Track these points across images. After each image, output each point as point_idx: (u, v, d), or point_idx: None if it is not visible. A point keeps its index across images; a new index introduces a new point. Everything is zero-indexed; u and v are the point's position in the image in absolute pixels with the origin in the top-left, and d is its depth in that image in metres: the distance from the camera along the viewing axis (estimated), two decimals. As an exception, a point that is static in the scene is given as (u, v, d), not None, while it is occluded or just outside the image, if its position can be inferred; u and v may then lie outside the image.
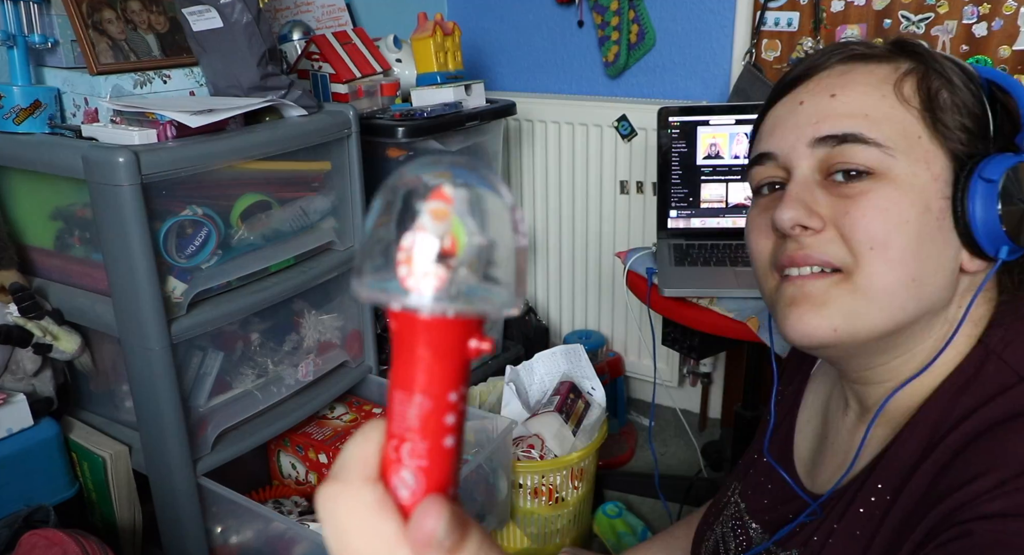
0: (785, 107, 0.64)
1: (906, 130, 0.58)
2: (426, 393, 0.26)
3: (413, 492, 0.27)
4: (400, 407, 0.27)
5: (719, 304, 1.36)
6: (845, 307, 0.58)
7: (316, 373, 1.44)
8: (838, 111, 0.59)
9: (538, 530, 1.51)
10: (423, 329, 0.25)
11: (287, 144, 1.27)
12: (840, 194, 0.58)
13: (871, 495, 0.60)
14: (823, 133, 0.59)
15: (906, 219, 0.56)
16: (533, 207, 2.22)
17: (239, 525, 1.24)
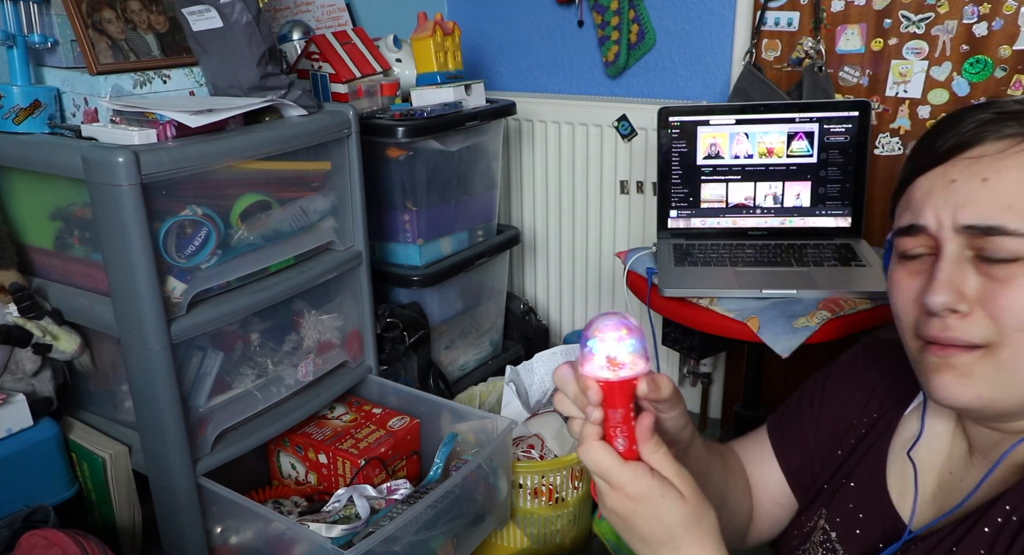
0: (936, 181, 0.65)
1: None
2: (621, 408, 0.61)
3: (624, 447, 0.61)
4: (612, 415, 0.61)
5: (719, 304, 1.36)
6: (991, 379, 0.61)
7: (316, 373, 1.44)
8: (989, 199, 0.60)
9: (538, 530, 1.51)
10: (615, 385, 0.60)
11: (287, 144, 1.27)
12: (989, 275, 0.61)
13: (998, 516, 0.63)
14: (970, 222, 0.61)
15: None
16: (533, 207, 2.22)
17: (239, 525, 1.24)
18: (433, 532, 1.26)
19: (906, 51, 1.72)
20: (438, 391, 1.73)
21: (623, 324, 0.59)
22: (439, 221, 1.75)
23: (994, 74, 1.65)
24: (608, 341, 0.59)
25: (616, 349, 0.59)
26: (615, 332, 0.59)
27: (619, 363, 0.59)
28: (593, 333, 0.60)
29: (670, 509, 0.59)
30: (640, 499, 0.59)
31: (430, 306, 1.75)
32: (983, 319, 0.61)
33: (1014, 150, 0.61)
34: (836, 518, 0.80)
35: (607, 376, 0.59)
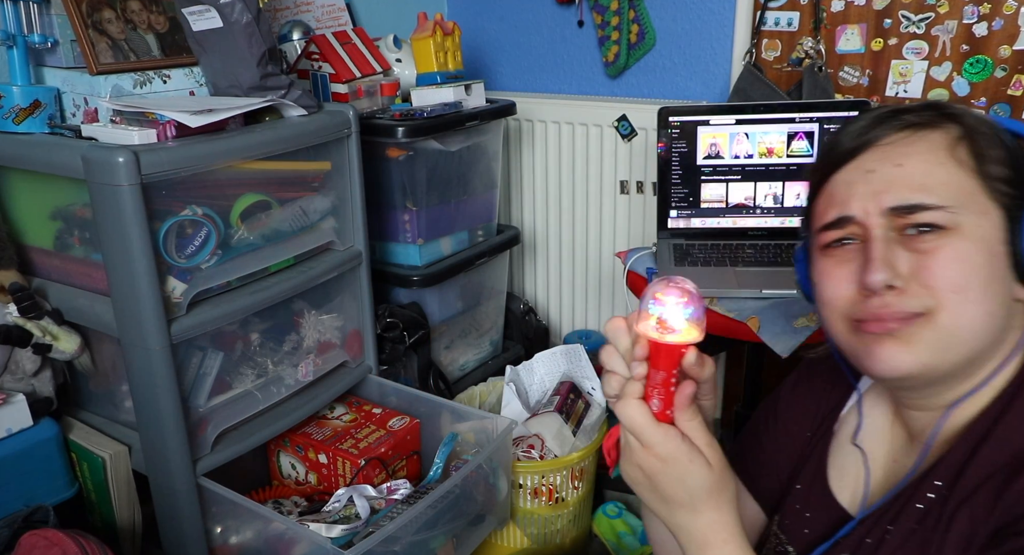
0: (853, 174, 0.71)
1: (964, 189, 0.67)
2: (665, 370, 0.62)
3: (659, 408, 0.62)
4: (655, 375, 0.62)
5: (719, 304, 1.36)
6: (931, 343, 0.66)
7: (316, 373, 1.44)
8: (904, 181, 0.67)
9: (538, 530, 1.51)
10: (663, 347, 0.61)
11: (287, 144, 1.27)
12: (916, 249, 0.66)
13: (927, 491, 0.68)
14: (895, 203, 0.67)
15: (978, 265, 0.65)
16: (533, 207, 2.22)
17: (239, 525, 1.24)
18: (433, 532, 1.26)
19: (906, 51, 1.72)
20: (438, 391, 1.73)
21: (684, 290, 0.60)
22: (439, 221, 1.75)
23: (994, 74, 1.65)
24: (667, 304, 0.60)
25: (672, 313, 0.60)
26: (675, 297, 0.60)
27: (671, 328, 0.60)
28: (654, 294, 0.61)
29: (696, 474, 0.62)
30: (668, 460, 0.62)
31: (430, 306, 1.75)
32: (918, 289, 0.65)
33: (916, 136, 0.69)
34: (785, 521, 0.84)
35: (657, 337, 0.60)
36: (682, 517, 0.64)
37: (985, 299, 0.65)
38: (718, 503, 0.64)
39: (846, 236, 0.71)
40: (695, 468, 0.62)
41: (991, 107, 1.67)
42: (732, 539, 0.64)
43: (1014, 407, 0.66)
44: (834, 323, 0.72)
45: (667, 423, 0.62)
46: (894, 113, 0.71)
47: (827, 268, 0.72)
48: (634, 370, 0.63)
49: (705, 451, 0.63)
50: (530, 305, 2.18)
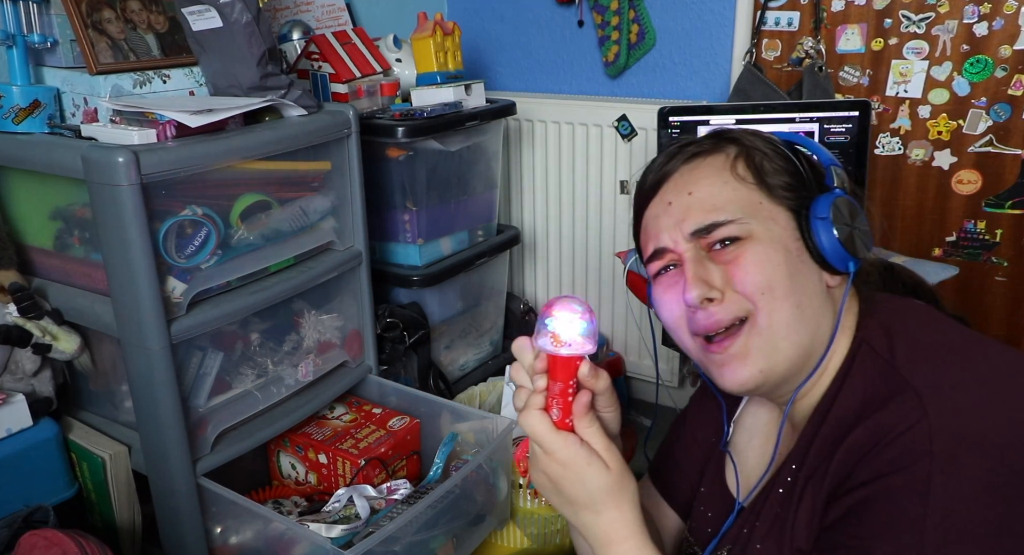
0: (657, 208, 0.79)
1: (749, 201, 0.75)
2: (562, 381, 0.67)
3: (558, 416, 0.67)
4: (552, 387, 0.67)
5: (719, 304, 1.36)
6: (761, 349, 0.72)
7: (316, 373, 1.44)
8: (697, 206, 0.75)
9: (538, 530, 1.51)
10: (560, 360, 0.66)
11: (287, 144, 1.27)
12: (722, 261, 0.73)
13: (786, 476, 0.75)
14: (694, 227, 0.75)
15: (777, 263, 0.72)
16: (533, 207, 2.22)
17: (239, 525, 1.24)
18: (433, 532, 1.26)
19: (906, 51, 1.72)
20: (438, 391, 1.73)
21: (576, 307, 0.65)
22: (439, 221, 1.75)
23: (994, 74, 1.65)
24: (560, 319, 0.65)
25: (565, 328, 0.65)
26: (568, 313, 0.65)
27: (565, 341, 0.65)
28: (549, 311, 0.66)
29: (594, 476, 0.67)
30: (568, 464, 0.67)
31: (430, 306, 1.75)
32: (734, 296, 0.72)
33: (702, 163, 0.78)
34: (693, 524, 0.90)
35: (552, 350, 0.65)
36: (585, 517, 0.70)
37: (792, 292, 0.71)
38: (618, 502, 0.69)
39: (667, 264, 0.78)
40: (593, 471, 0.67)
41: (991, 107, 1.67)
42: (632, 536, 0.69)
43: (846, 385, 0.72)
44: (683, 342, 0.78)
45: (567, 431, 0.67)
46: (681, 147, 0.80)
47: (659, 294, 0.79)
48: (535, 383, 0.67)
49: (603, 455, 0.68)
50: (530, 305, 2.18)
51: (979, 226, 1.76)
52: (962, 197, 1.75)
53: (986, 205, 1.74)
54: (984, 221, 1.75)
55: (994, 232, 1.75)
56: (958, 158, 1.73)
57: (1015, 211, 1.71)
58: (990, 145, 1.70)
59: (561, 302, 0.66)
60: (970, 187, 1.74)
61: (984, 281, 1.78)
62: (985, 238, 1.76)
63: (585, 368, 0.67)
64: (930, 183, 1.77)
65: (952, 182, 1.75)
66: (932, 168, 1.76)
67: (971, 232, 1.77)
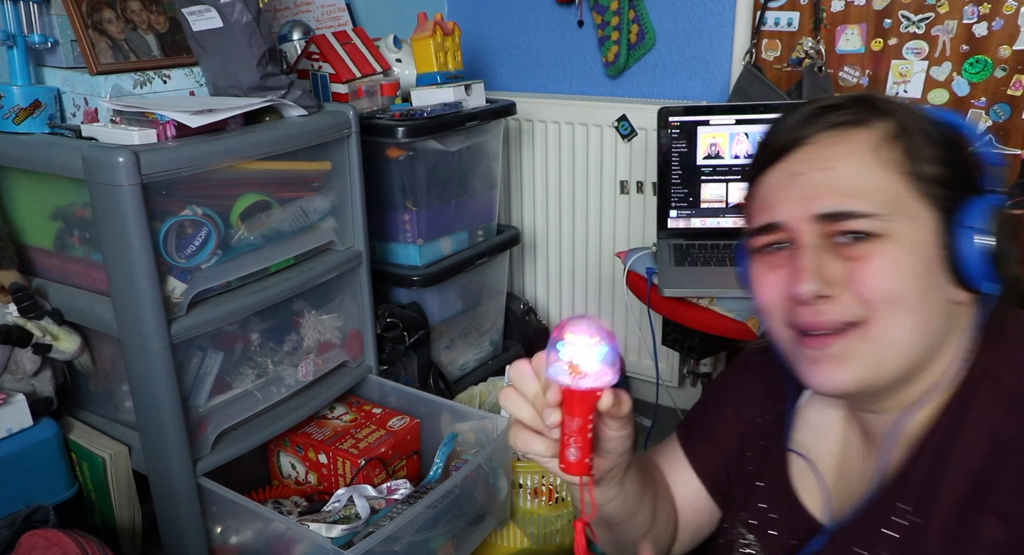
0: (780, 177, 0.68)
1: (894, 194, 0.63)
2: (580, 417, 0.58)
3: (577, 457, 0.59)
4: (569, 423, 0.59)
5: (719, 304, 1.36)
6: (865, 357, 0.64)
7: (316, 373, 1.44)
8: (833, 186, 0.64)
9: (538, 530, 1.51)
10: (576, 394, 0.58)
11: (287, 144, 1.27)
12: (847, 256, 0.63)
13: (897, 516, 0.66)
14: (824, 210, 0.64)
15: (913, 273, 0.62)
16: (533, 207, 2.22)
17: (239, 525, 1.24)
18: (433, 532, 1.26)
19: (906, 51, 1.72)
20: (438, 391, 1.73)
21: (595, 330, 0.56)
22: (439, 221, 1.75)
23: (994, 74, 1.65)
24: (578, 346, 0.56)
25: (584, 356, 0.56)
26: (586, 338, 0.56)
27: (584, 372, 0.56)
28: (563, 335, 0.57)
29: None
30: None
31: (430, 306, 1.75)
32: (850, 299, 0.63)
33: (845, 136, 0.65)
34: (752, 520, 0.80)
35: (570, 384, 0.57)
36: None
37: (920, 309, 0.63)
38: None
39: (777, 241, 0.68)
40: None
41: (991, 107, 1.67)
42: None
43: (968, 424, 0.63)
44: (776, 329, 0.70)
45: (585, 472, 0.59)
46: (822, 109, 0.67)
47: (760, 274, 0.70)
48: (547, 419, 0.59)
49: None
50: (530, 305, 2.18)
51: (979, 226, 1.76)
52: (962, 197, 1.75)
53: (986, 205, 1.73)
54: (984, 221, 1.75)
55: (994, 232, 1.74)
56: (958, 158, 1.73)
57: (1015, 211, 1.71)
58: (990, 145, 1.70)
59: (576, 325, 0.57)
60: (970, 187, 1.74)
61: (984, 281, 1.78)
62: (985, 238, 1.76)
63: (607, 399, 0.58)
64: (930, 183, 1.77)
65: (952, 182, 1.75)
66: (932, 168, 1.76)
67: (971, 232, 1.77)
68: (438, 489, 1.25)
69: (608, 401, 0.58)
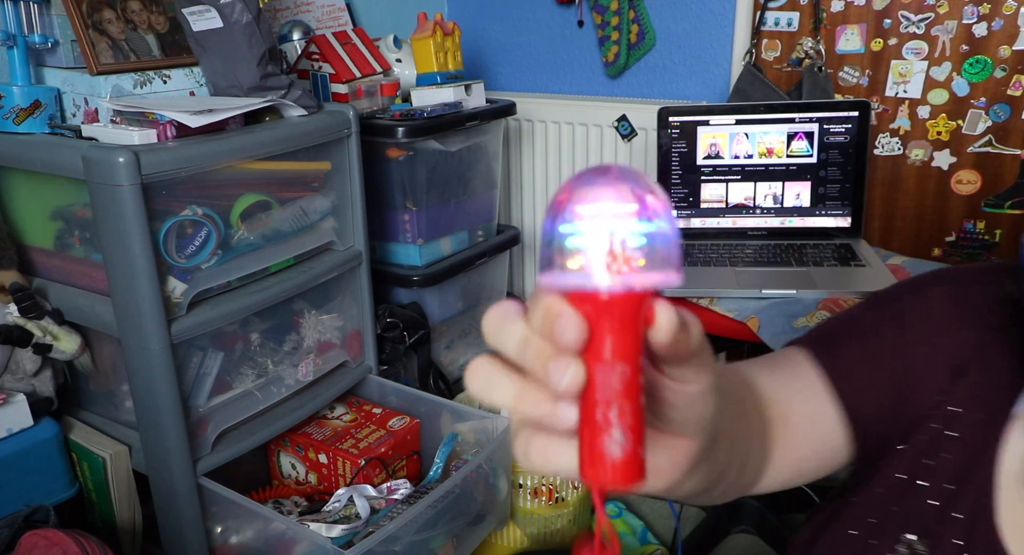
0: None
1: None
2: (625, 360, 0.30)
3: (624, 448, 0.31)
4: (603, 377, 0.30)
5: (719, 304, 1.36)
6: None
7: (316, 373, 1.44)
8: None
9: (538, 530, 1.51)
10: (617, 304, 0.30)
11: (287, 144, 1.27)
12: None
13: None
14: None
15: None
16: (533, 207, 2.22)
17: (239, 525, 1.24)
18: (433, 532, 1.26)
19: (906, 51, 1.72)
20: (438, 391, 1.73)
21: (629, 186, 0.30)
22: (439, 221, 1.75)
23: (994, 74, 1.65)
24: (603, 220, 0.30)
25: (616, 234, 0.30)
26: (615, 201, 0.30)
27: (621, 265, 0.30)
28: (572, 204, 0.30)
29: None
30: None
31: (430, 306, 1.75)
32: None
33: None
34: (936, 549, 0.57)
35: (599, 286, 0.29)
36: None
37: None
38: None
39: None
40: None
41: (991, 107, 1.67)
42: None
43: None
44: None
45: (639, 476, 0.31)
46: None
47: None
48: (558, 375, 0.30)
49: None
50: (530, 305, 2.17)
51: (978, 226, 1.76)
52: (961, 197, 1.75)
53: (985, 205, 1.74)
54: (983, 221, 1.75)
55: (993, 232, 1.75)
56: (957, 158, 1.73)
57: (1014, 211, 1.71)
58: (989, 145, 1.70)
59: (595, 179, 0.31)
60: (969, 187, 1.74)
61: (984, 281, 1.78)
62: (984, 238, 1.76)
63: (665, 321, 0.30)
64: (929, 183, 1.78)
65: (951, 182, 1.75)
66: (931, 168, 1.77)
67: (970, 232, 1.77)
68: (438, 489, 1.25)
69: (667, 326, 0.31)
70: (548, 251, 0.31)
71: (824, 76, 1.73)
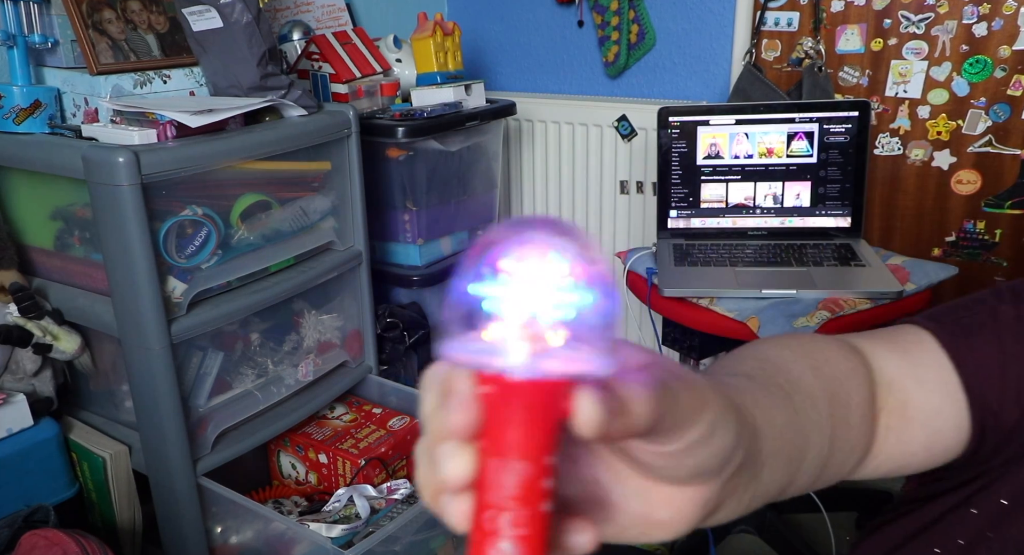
0: None
1: None
2: (525, 458, 0.26)
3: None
4: (496, 475, 0.26)
5: (719, 304, 1.36)
6: None
7: (316, 373, 1.44)
8: None
9: (538, 530, 1.51)
10: (523, 392, 0.25)
11: (287, 144, 1.27)
12: None
13: None
14: None
15: None
16: (533, 207, 2.22)
17: (239, 525, 1.24)
18: (433, 532, 1.26)
19: (906, 51, 1.72)
20: (438, 391, 1.73)
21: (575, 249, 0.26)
22: (439, 221, 1.75)
23: (994, 74, 1.65)
24: (524, 283, 0.26)
25: (548, 305, 0.25)
26: (551, 268, 0.26)
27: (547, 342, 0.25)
28: (501, 259, 0.27)
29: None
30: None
31: (430, 306, 1.75)
32: None
33: None
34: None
35: (513, 367, 0.25)
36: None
37: None
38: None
39: None
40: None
41: (991, 107, 1.67)
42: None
43: None
44: None
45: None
46: None
47: None
48: (447, 467, 0.27)
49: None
50: (530, 305, 2.17)
51: (978, 226, 1.76)
52: (961, 197, 1.75)
53: (985, 205, 1.74)
54: (983, 221, 1.75)
55: (993, 232, 1.75)
56: (957, 158, 1.73)
57: (1014, 211, 1.71)
58: (989, 145, 1.70)
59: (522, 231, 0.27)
60: (969, 187, 1.74)
61: (984, 281, 1.78)
62: (984, 238, 1.76)
63: (587, 407, 0.25)
64: (929, 183, 1.78)
65: (951, 182, 1.75)
66: (931, 168, 1.76)
67: (970, 232, 1.77)
68: (438, 489, 1.25)
69: (590, 419, 0.26)
70: (456, 311, 0.27)
71: (824, 76, 1.73)
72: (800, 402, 0.44)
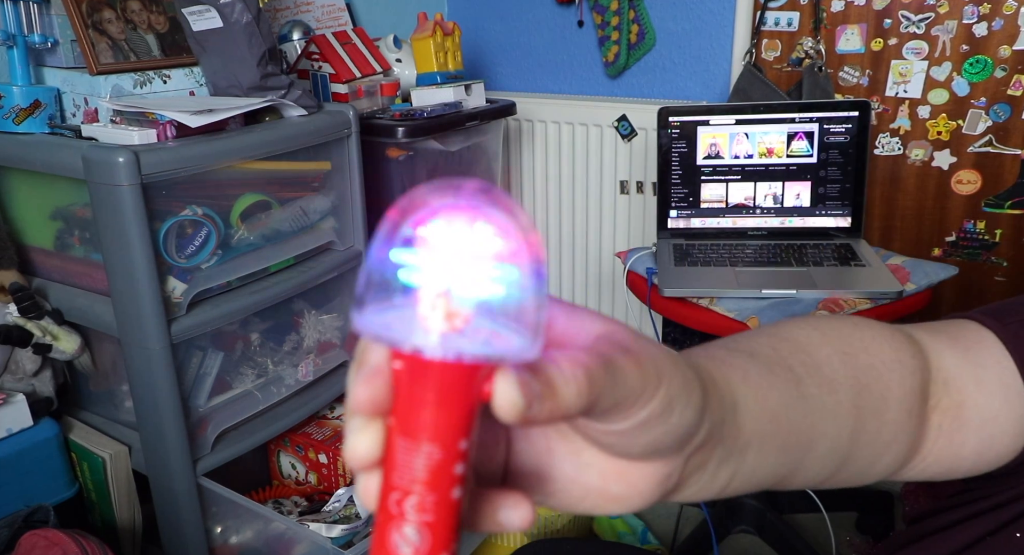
0: None
1: None
2: (436, 441, 0.25)
3: (417, 550, 0.25)
4: (404, 456, 0.25)
5: (719, 304, 1.36)
6: None
7: (316, 373, 1.44)
8: None
9: (538, 530, 1.51)
10: (437, 372, 0.24)
11: (287, 144, 1.27)
12: None
13: None
14: None
15: None
16: (533, 207, 2.22)
17: (239, 525, 1.24)
18: (433, 532, 1.26)
19: (906, 51, 1.72)
20: (438, 391, 1.73)
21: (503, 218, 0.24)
22: (439, 221, 1.75)
23: (994, 74, 1.65)
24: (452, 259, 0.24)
25: (469, 281, 0.24)
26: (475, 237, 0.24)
27: (467, 321, 0.24)
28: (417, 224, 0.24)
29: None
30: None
31: (430, 306, 1.75)
32: None
33: None
34: None
35: (427, 347, 0.24)
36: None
37: None
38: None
39: None
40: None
41: (991, 107, 1.67)
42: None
43: None
44: None
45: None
46: None
47: None
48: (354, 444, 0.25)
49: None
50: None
51: (979, 226, 1.76)
52: (962, 197, 1.75)
53: (985, 205, 1.74)
54: (983, 221, 1.75)
55: (993, 232, 1.75)
56: (958, 158, 1.73)
57: (1014, 211, 1.71)
58: (989, 145, 1.70)
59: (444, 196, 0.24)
60: (970, 187, 1.74)
61: (984, 281, 1.78)
62: (984, 238, 1.76)
63: (507, 389, 0.24)
64: (930, 183, 1.78)
65: (952, 182, 1.75)
66: (932, 168, 1.77)
67: (971, 232, 1.77)
68: (438, 489, 1.25)
69: (508, 404, 0.24)
70: (369, 279, 0.24)
71: (824, 76, 1.73)
72: (812, 387, 0.42)
